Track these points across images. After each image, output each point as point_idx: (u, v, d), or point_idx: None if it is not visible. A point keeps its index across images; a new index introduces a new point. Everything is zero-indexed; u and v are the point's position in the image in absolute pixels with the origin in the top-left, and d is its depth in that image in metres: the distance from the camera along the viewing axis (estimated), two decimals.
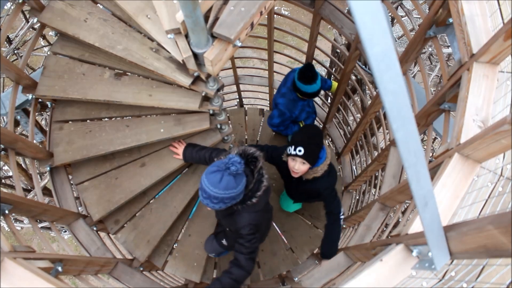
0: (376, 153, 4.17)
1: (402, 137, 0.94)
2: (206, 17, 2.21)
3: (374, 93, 3.74)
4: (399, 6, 5.51)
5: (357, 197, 4.79)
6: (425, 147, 2.66)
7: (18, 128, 4.84)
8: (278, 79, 5.61)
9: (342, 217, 3.24)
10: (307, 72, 3.81)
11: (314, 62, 4.50)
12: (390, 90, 0.85)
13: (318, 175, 3.12)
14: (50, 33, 3.02)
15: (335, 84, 4.50)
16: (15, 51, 5.56)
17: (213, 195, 2.23)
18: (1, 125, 4.82)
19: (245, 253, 2.62)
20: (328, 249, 3.24)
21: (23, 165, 5.19)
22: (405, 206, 3.74)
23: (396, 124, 0.91)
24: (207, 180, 2.24)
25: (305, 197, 3.94)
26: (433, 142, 6.26)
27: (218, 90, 2.79)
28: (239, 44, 2.30)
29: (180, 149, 3.19)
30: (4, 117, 4.95)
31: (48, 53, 3.17)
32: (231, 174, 2.21)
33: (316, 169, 3.09)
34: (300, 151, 2.90)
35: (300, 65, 4.17)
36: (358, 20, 0.75)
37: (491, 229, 1.04)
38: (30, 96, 3.00)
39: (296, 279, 3.96)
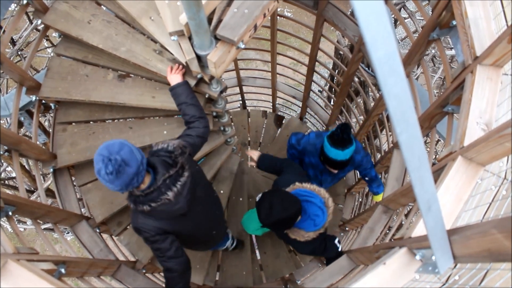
0: (379, 156, 4.16)
1: (406, 141, 0.94)
2: (210, 19, 2.21)
3: (377, 95, 3.73)
4: (402, 8, 5.51)
5: (360, 200, 4.79)
6: (428, 149, 2.65)
7: (22, 130, 4.85)
8: (281, 80, 5.62)
9: (339, 246, 3.07)
10: (340, 133, 2.86)
11: (316, 63, 4.50)
12: (394, 94, 0.84)
13: (303, 240, 2.63)
14: (54, 34, 3.03)
15: (378, 197, 3.77)
16: (19, 53, 5.58)
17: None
18: (5, 126, 4.84)
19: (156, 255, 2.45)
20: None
21: (26, 166, 5.21)
22: (408, 209, 3.73)
23: (400, 127, 0.91)
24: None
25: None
26: (436, 144, 6.25)
27: (221, 92, 2.79)
28: (242, 46, 2.30)
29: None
30: (8, 119, 4.97)
31: (52, 54, 3.18)
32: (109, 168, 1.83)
33: (307, 234, 2.59)
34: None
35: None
36: (362, 23, 0.75)
37: (495, 233, 1.03)
38: (33, 98, 3.01)
39: (298, 281, 3.96)
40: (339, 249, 3.03)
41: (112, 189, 1.93)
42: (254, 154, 3.28)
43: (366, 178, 3.62)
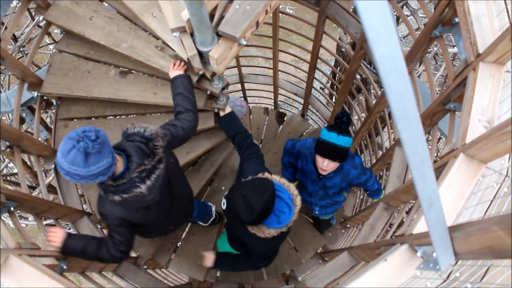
0: (380, 153, 4.16)
1: (408, 138, 0.94)
2: (212, 16, 2.21)
3: (379, 92, 3.73)
4: (405, 5, 5.49)
5: (361, 197, 4.79)
6: (430, 146, 2.65)
7: (24, 126, 4.86)
8: (282, 77, 5.61)
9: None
10: (340, 118, 2.81)
11: (318, 61, 4.49)
12: (396, 91, 0.85)
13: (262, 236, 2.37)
14: (56, 30, 3.04)
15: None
16: (21, 49, 5.58)
17: (60, 165, 1.77)
18: (7, 123, 4.85)
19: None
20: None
21: (28, 162, 5.22)
22: (410, 206, 3.73)
23: (402, 125, 0.91)
24: (60, 147, 1.77)
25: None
26: (438, 142, 6.25)
27: (223, 88, 2.79)
28: (244, 42, 2.30)
29: None
30: (10, 115, 4.97)
31: (54, 50, 3.19)
32: (79, 150, 1.71)
33: (267, 230, 2.32)
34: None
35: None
36: (365, 21, 0.75)
37: (497, 230, 1.03)
38: (35, 94, 3.02)
39: (299, 278, 3.96)
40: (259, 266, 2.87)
41: (80, 176, 1.76)
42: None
43: (368, 192, 3.53)
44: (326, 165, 2.91)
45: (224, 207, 2.24)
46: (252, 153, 2.67)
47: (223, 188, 4.04)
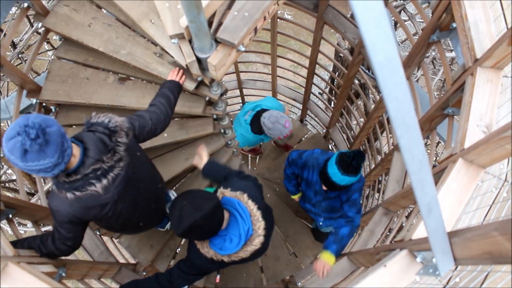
0: (379, 158, 4.17)
1: (407, 144, 0.94)
2: (210, 22, 2.22)
3: (378, 97, 3.74)
4: (402, 10, 5.51)
5: (361, 202, 4.78)
6: (428, 151, 2.65)
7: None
8: (281, 83, 5.62)
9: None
10: (352, 157, 2.60)
11: (317, 66, 4.50)
12: (394, 97, 0.85)
13: (201, 251, 2.21)
14: (54, 37, 3.04)
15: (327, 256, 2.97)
16: (20, 56, 5.58)
17: (2, 147, 1.62)
18: (5, 129, 4.83)
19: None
20: None
21: None
22: (409, 211, 3.72)
23: (401, 130, 0.91)
24: (7, 129, 1.62)
25: None
26: (436, 146, 6.25)
27: (221, 94, 2.79)
28: (243, 49, 2.30)
29: None
30: (8, 121, 4.97)
31: (52, 57, 3.19)
32: (17, 144, 1.56)
33: (207, 249, 2.17)
34: None
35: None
36: (362, 27, 0.76)
37: (496, 236, 1.03)
38: (34, 101, 3.01)
39: (299, 284, 3.96)
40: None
41: (19, 166, 1.61)
42: (204, 155, 2.78)
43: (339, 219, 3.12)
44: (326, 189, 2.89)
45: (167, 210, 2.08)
46: (250, 177, 2.58)
47: None
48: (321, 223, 3.57)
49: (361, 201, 2.95)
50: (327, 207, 3.27)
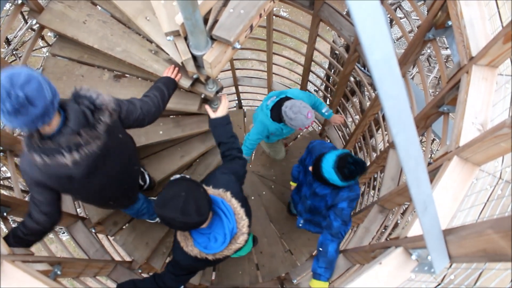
0: (375, 155, 4.17)
1: (402, 142, 0.94)
2: (206, 20, 2.21)
3: (373, 95, 3.74)
4: (398, 8, 5.52)
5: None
6: (424, 148, 2.65)
7: (16, 130, 4.83)
8: (277, 80, 5.61)
9: None
10: (352, 165, 2.55)
11: (312, 63, 4.50)
12: (390, 95, 0.85)
13: (185, 249, 2.14)
14: (49, 34, 3.02)
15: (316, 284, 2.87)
16: (14, 52, 5.54)
17: None
18: (0, 127, 4.81)
19: None
20: None
21: None
22: (404, 208, 3.73)
23: (396, 128, 0.91)
24: None
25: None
26: (432, 143, 6.28)
27: (217, 92, 2.79)
28: (239, 46, 2.30)
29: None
30: None
31: (47, 54, 3.17)
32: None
33: (191, 247, 2.10)
34: None
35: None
36: (358, 26, 0.75)
37: (491, 233, 1.04)
38: None
39: (294, 281, 3.96)
40: None
41: (10, 127, 1.65)
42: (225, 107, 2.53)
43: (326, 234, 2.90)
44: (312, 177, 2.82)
45: None
46: (235, 165, 2.45)
47: None
48: (300, 225, 3.55)
49: (350, 212, 2.84)
50: (311, 206, 3.23)
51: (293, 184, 3.80)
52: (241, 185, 2.46)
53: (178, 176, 1.84)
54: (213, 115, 2.49)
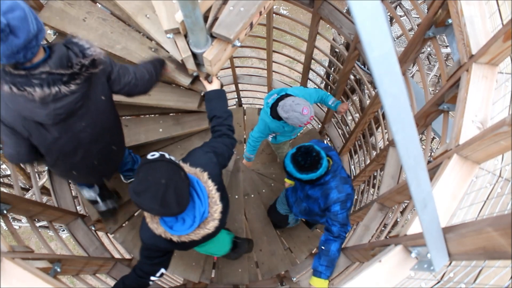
0: (374, 153, 4.17)
1: (402, 140, 0.94)
2: (205, 17, 2.21)
3: (373, 93, 3.74)
4: (398, 6, 5.52)
5: (356, 197, 4.79)
6: (423, 146, 2.65)
7: None
8: (276, 78, 5.61)
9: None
10: (303, 159, 2.62)
11: (312, 61, 4.49)
12: (390, 93, 0.85)
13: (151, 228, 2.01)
14: (49, 31, 3.01)
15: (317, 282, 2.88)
16: None
17: None
18: None
19: None
20: None
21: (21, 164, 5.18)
22: (404, 206, 3.74)
23: (396, 127, 0.91)
24: None
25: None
26: (431, 142, 6.28)
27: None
28: (239, 44, 2.30)
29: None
30: None
31: None
32: None
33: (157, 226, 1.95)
34: None
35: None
36: (359, 24, 0.75)
37: (490, 231, 1.04)
38: None
39: (294, 279, 3.97)
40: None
41: None
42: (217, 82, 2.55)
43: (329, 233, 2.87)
44: None
45: None
46: (220, 144, 2.29)
47: None
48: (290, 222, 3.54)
49: (346, 214, 2.79)
50: (306, 209, 3.20)
51: (288, 181, 3.79)
52: (222, 168, 2.30)
53: (156, 154, 1.66)
54: (209, 87, 2.44)
